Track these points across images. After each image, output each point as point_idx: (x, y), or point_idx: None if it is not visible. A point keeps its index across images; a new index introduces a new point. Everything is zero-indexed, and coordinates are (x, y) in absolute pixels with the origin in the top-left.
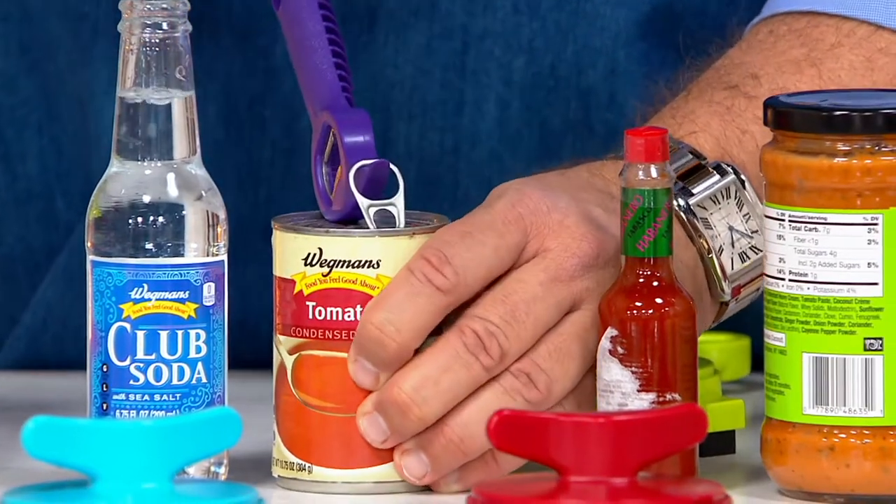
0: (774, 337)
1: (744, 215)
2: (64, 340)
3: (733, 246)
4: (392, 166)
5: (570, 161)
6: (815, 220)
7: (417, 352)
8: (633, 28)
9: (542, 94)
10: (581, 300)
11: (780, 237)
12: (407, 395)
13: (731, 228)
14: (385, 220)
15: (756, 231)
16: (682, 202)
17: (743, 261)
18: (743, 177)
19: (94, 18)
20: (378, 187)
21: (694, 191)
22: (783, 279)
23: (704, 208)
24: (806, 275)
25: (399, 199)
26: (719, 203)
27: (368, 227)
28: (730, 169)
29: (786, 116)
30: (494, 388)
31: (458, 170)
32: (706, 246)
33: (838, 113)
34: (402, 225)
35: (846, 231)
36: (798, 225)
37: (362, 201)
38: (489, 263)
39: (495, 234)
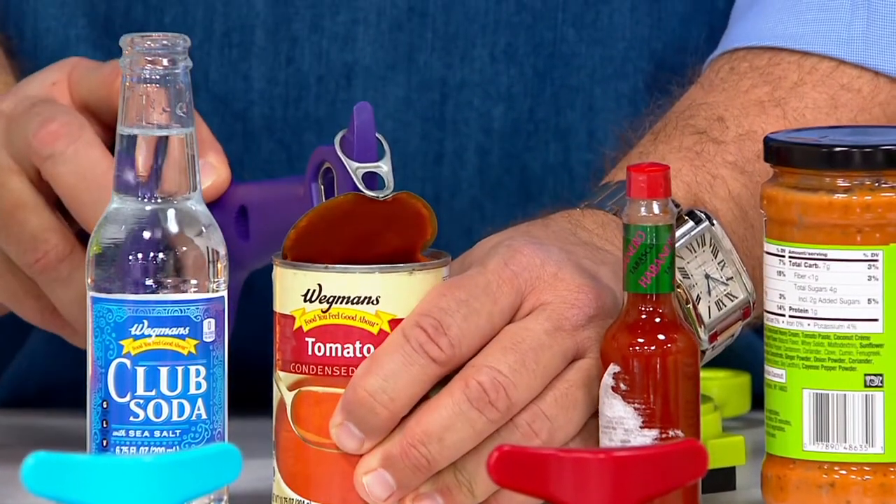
0: (774, 373)
1: (719, 262)
2: (48, 390)
3: (710, 294)
4: (377, 134)
5: (549, 206)
6: (816, 256)
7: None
8: (609, 65)
9: (522, 139)
10: (585, 349)
11: (780, 273)
12: (419, 452)
13: (707, 276)
14: (373, 181)
15: (731, 278)
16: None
17: (719, 308)
18: (716, 223)
19: None
20: (368, 147)
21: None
22: (783, 315)
23: (681, 257)
24: (806, 311)
25: (386, 161)
26: (695, 251)
27: (369, 265)
28: (703, 216)
29: (786, 152)
30: (497, 439)
31: (439, 219)
32: (684, 295)
33: (838, 149)
34: (391, 185)
35: (846, 267)
36: (798, 261)
37: (349, 164)
38: (484, 332)
39: (490, 300)
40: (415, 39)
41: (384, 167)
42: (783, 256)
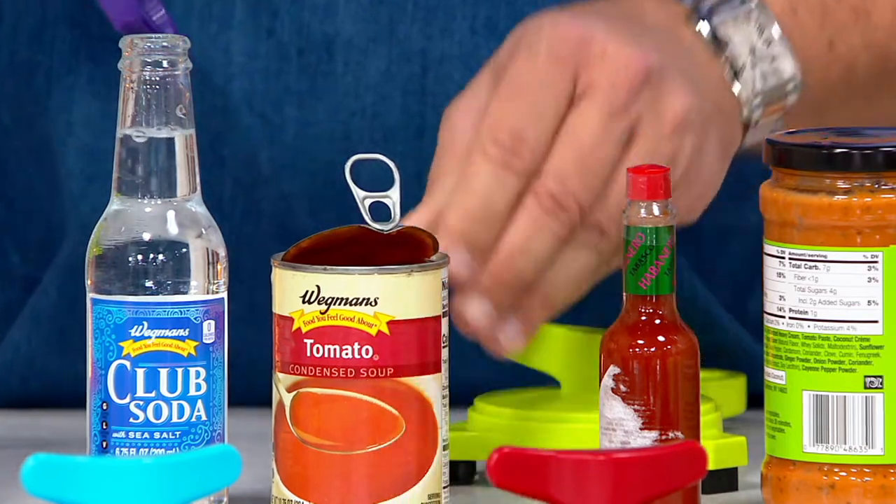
0: (774, 375)
1: (765, 40)
2: (30, 382)
3: (755, 68)
4: (387, 160)
5: None
6: (816, 258)
7: None
8: None
9: None
10: (636, 132)
11: (780, 275)
12: (509, 270)
13: (752, 50)
14: (381, 213)
15: (777, 57)
16: (704, 25)
17: (765, 81)
18: (765, 4)
19: (48, 67)
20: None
21: (715, 13)
22: (783, 317)
23: (725, 30)
24: (806, 312)
25: (395, 192)
26: (740, 25)
27: (368, 266)
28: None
29: (786, 154)
30: (572, 244)
31: (419, 197)
32: (728, 66)
33: (838, 151)
34: (398, 216)
35: (846, 269)
36: (798, 262)
37: (358, 193)
38: (551, 127)
39: (551, 96)
40: (395, 11)
41: (393, 197)
42: (783, 258)
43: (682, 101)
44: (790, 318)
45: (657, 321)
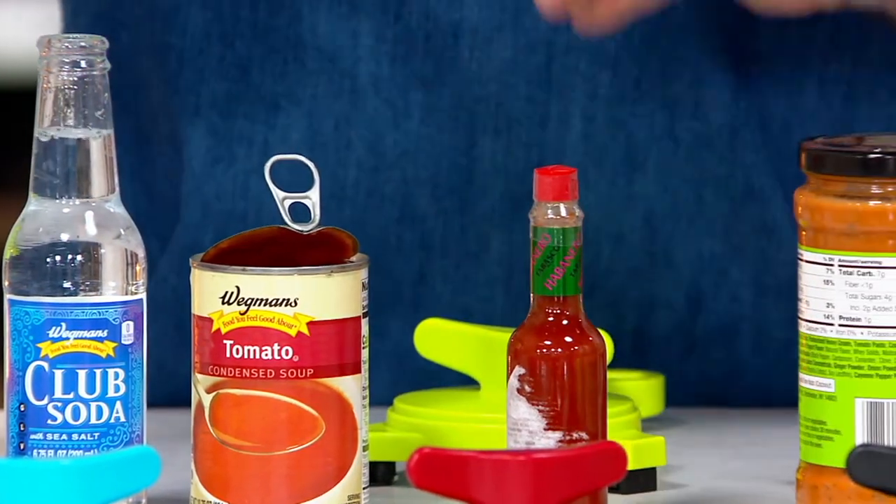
0: (820, 383)
1: None
2: None
3: None
4: (307, 161)
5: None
6: (869, 265)
7: None
8: (716, 38)
9: (627, 106)
10: None
11: (827, 282)
12: None
13: None
14: (300, 213)
15: None
16: None
17: None
18: None
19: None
20: None
21: None
22: (832, 324)
23: None
24: (859, 319)
25: (314, 192)
26: None
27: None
28: None
29: (823, 160)
30: None
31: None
32: None
33: (878, 155)
34: (318, 217)
35: None
36: (850, 269)
37: (277, 194)
38: None
39: None
40: (521, 0)
41: (312, 198)
42: (831, 265)
43: None
44: (840, 325)
45: (564, 322)
